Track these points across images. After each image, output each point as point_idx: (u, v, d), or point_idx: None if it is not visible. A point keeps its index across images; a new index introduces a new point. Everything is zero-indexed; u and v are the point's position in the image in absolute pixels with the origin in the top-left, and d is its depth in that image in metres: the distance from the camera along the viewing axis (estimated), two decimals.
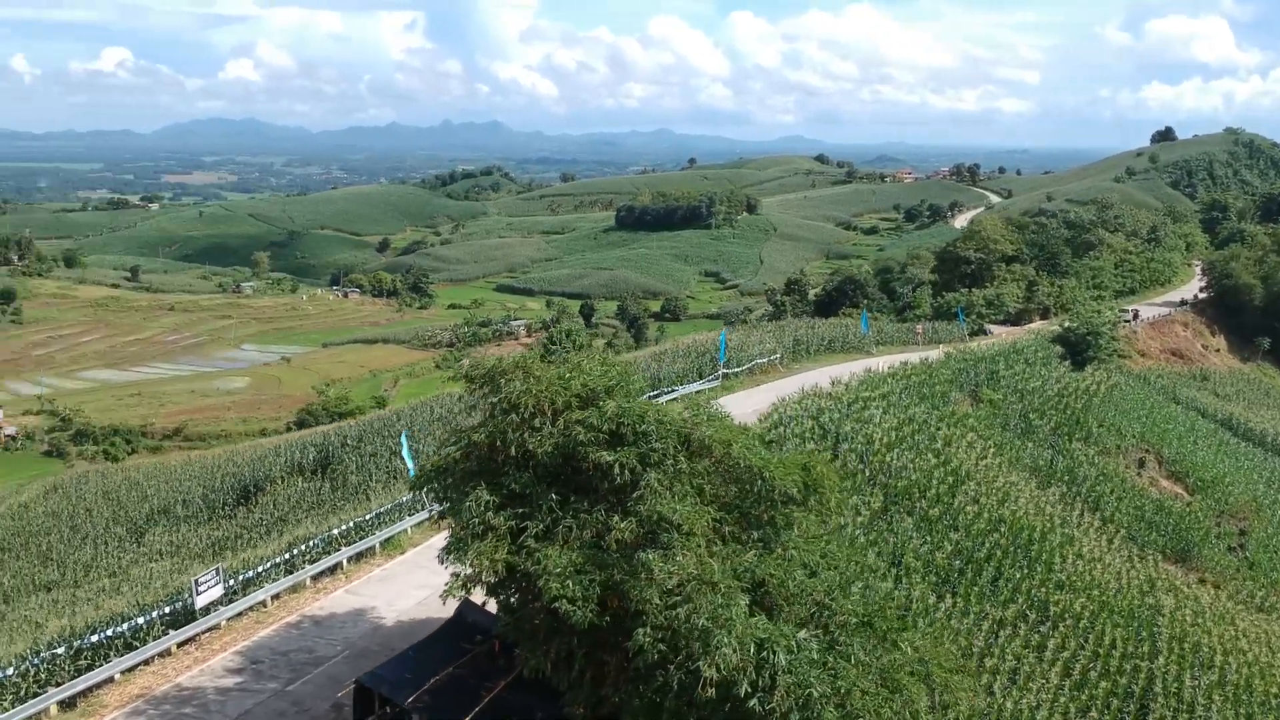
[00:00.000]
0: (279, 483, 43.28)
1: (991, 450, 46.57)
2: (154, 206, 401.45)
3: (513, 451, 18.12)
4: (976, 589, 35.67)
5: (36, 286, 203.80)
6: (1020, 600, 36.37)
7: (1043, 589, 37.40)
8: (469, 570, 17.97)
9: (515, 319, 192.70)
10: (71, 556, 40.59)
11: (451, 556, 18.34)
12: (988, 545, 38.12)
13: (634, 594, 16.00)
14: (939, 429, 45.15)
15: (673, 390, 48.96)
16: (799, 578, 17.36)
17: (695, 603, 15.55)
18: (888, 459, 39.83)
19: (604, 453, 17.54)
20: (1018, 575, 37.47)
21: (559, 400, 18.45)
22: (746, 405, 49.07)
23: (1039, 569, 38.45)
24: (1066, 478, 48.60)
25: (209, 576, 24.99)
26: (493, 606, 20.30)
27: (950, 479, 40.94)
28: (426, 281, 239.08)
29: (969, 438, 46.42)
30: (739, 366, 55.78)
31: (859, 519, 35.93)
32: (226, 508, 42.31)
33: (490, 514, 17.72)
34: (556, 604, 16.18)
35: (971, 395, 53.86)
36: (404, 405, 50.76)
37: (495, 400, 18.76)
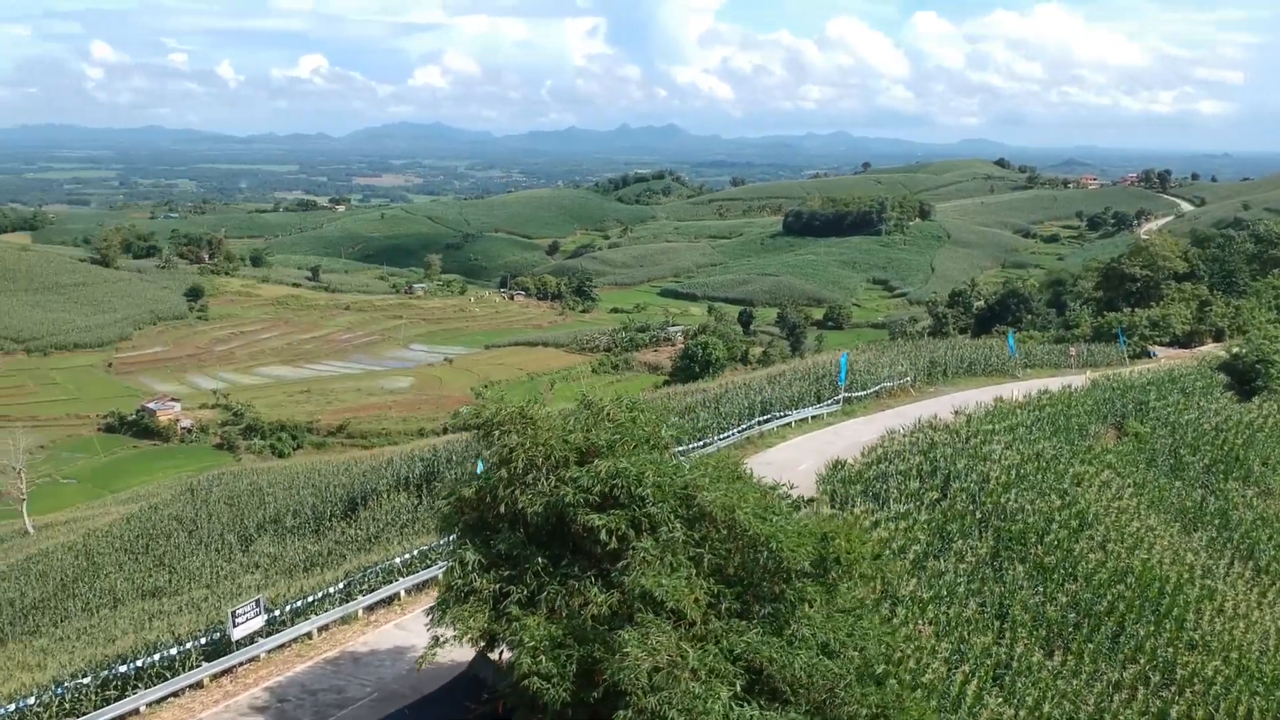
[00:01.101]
0: (384, 497, 43.51)
1: (1130, 490, 43.01)
2: (340, 208, 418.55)
3: (502, 509, 17.08)
4: (1092, 646, 32.64)
5: (223, 284, 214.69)
6: (1142, 661, 33.03)
7: (1170, 649, 33.89)
8: (451, 634, 17.01)
9: (673, 325, 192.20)
10: (183, 562, 41.71)
11: (432, 619, 17.41)
12: (1110, 597, 34.90)
13: (611, 675, 14.72)
14: (1069, 466, 41.93)
15: (785, 415, 47.12)
16: (806, 661, 15.68)
17: (669, 692, 14.13)
18: (1003, 500, 37.08)
19: (593, 515, 16.27)
20: (1142, 632, 34.09)
21: (555, 455, 17.28)
22: (864, 432, 46.85)
23: (1168, 626, 34.94)
24: (1217, 521, 44.44)
25: (248, 608, 24.82)
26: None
27: (1074, 522, 37.86)
28: (590, 285, 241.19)
29: (1104, 476, 42.98)
30: (864, 390, 53.33)
31: (961, 565, 33.50)
32: (332, 520, 42.75)
33: (475, 575, 16.73)
34: (527, 682, 15.04)
35: (1115, 428, 50.02)
36: None
37: (489, 452, 17.79)
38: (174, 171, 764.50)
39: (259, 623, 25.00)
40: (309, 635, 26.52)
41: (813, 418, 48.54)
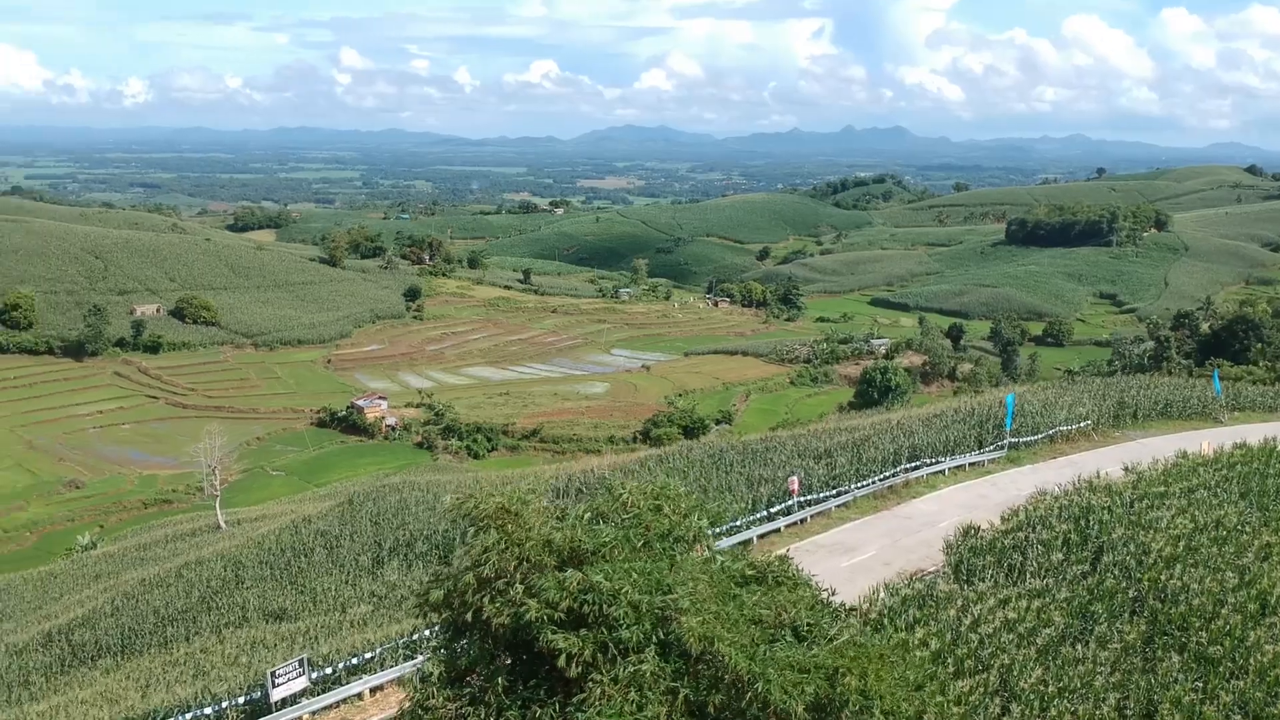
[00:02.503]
0: None
1: None
2: (559, 211, 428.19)
3: (469, 617, 15.51)
4: None
5: (440, 285, 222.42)
6: None
7: None
8: None
9: (877, 337, 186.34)
10: (313, 583, 42.16)
11: None
12: None
13: None
14: (1256, 537, 36.82)
15: (937, 463, 43.62)
16: None
17: None
18: (1164, 576, 32.74)
19: (557, 637, 14.44)
20: None
21: (531, 559, 15.55)
22: (1025, 485, 42.87)
23: None
24: None
25: (289, 668, 24.17)
26: None
27: (1252, 605, 32.98)
28: (797, 292, 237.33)
29: None
30: (1036, 434, 48.96)
31: (1103, 654, 29.67)
32: (459, 547, 42.32)
33: (434, 691, 15.22)
34: None
35: None
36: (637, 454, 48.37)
37: (461, 550, 16.23)
38: (412, 173, 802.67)
39: (301, 683, 24.37)
40: (359, 696, 25.77)
41: (970, 465, 44.82)
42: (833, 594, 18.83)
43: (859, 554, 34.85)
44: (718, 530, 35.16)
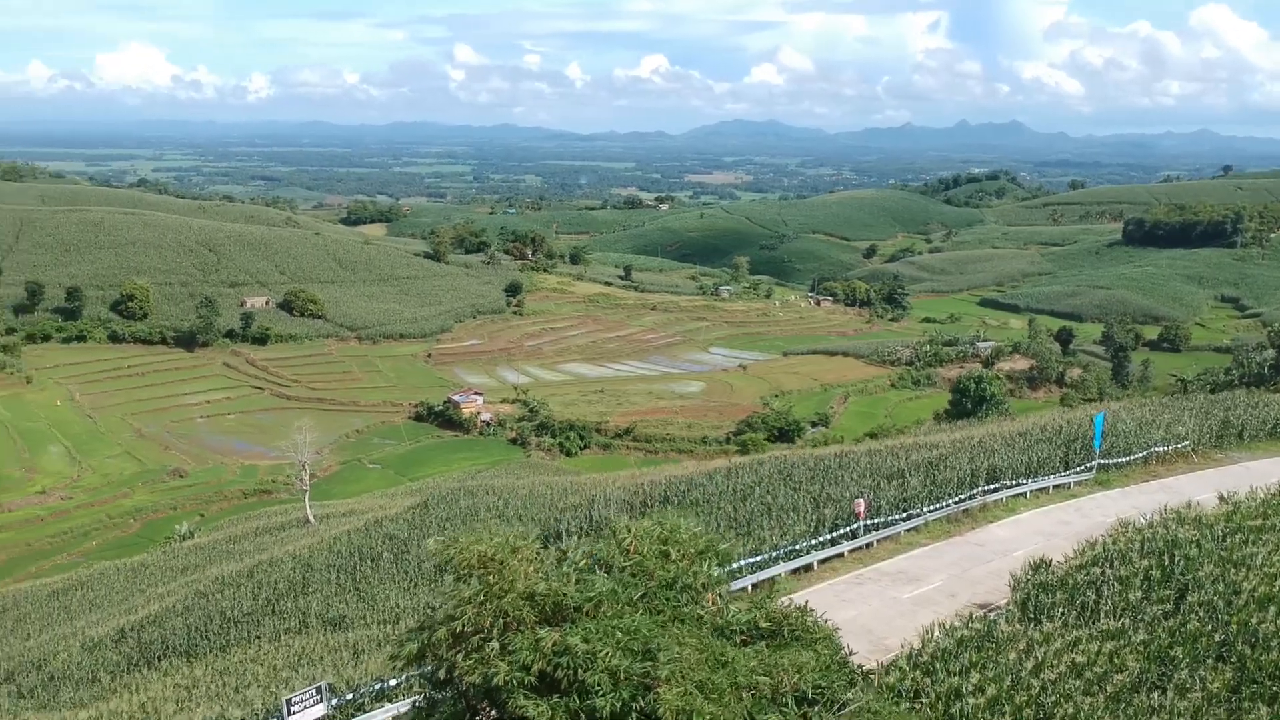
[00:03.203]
0: (572, 538, 42.03)
1: None
2: (663, 207, 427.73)
3: (442, 675, 14.66)
4: None
5: (541, 281, 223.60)
6: None
7: None
8: None
9: (983, 339, 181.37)
10: (373, 590, 42.05)
11: None
12: None
13: None
14: None
15: (1017, 485, 41.50)
16: None
17: None
18: (1255, 619, 30.41)
19: (528, 703, 13.48)
20: None
21: (511, 614, 14.60)
22: (1113, 510, 40.52)
23: None
24: None
25: (306, 696, 23.68)
26: None
27: None
28: (902, 292, 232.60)
29: None
30: (1129, 455, 46.32)
31: (1182, 703, 27.60)
32: None
33: None
34: None
35: None
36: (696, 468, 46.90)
37: (439, 600, 15.38)
38: (522, 167, 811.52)
39: (319, 711, 23.87)
40: None
41: (1054, 488, 42.54)
42: (851, 653, 17.56)
43: (923, 584, 33.18)
44: (775, 554, 33.85)
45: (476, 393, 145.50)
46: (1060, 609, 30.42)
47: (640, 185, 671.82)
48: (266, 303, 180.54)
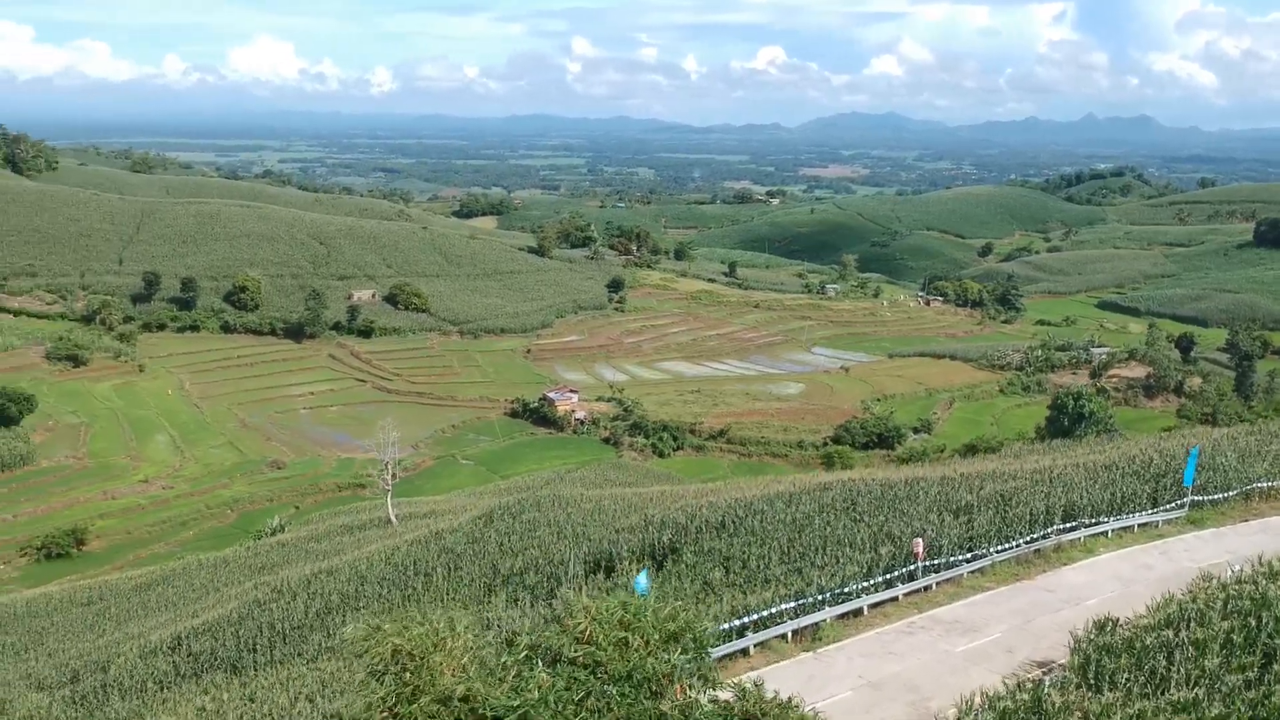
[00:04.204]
0: (624, 561, 40.50)
1: None
2: (774, 202, 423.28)
3: None
4: None
5: (644, 277, 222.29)
6: None
7: None
8: None
9: (1097, 344, 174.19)
10: (419, 609, 41.11)
11: None
12: None
13: None
14: None
15: (1098, 523, 38.48)
16: None
17: None
18: None
19: None
20: None
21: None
22: (1204, 553, 37.33)
23: None
24: None
25: None
26: None
27: None
28: (1016, 293, 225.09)
29: None
30: (1226, 491, 42.73)
31: None
32: (567, 585, 40.36)
33: None
34: None
35: None
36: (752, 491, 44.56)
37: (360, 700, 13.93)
38: (635, 160, 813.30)
39: None
40: None
41: (1140, 527, 39.38)
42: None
43: (980, 635, 30.70)
44: (822, 597, 31.73)
45: (572, 390, 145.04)
46: (1125, 675, 27.65)
47: (753, 178, 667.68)
48: (373, 296, 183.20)
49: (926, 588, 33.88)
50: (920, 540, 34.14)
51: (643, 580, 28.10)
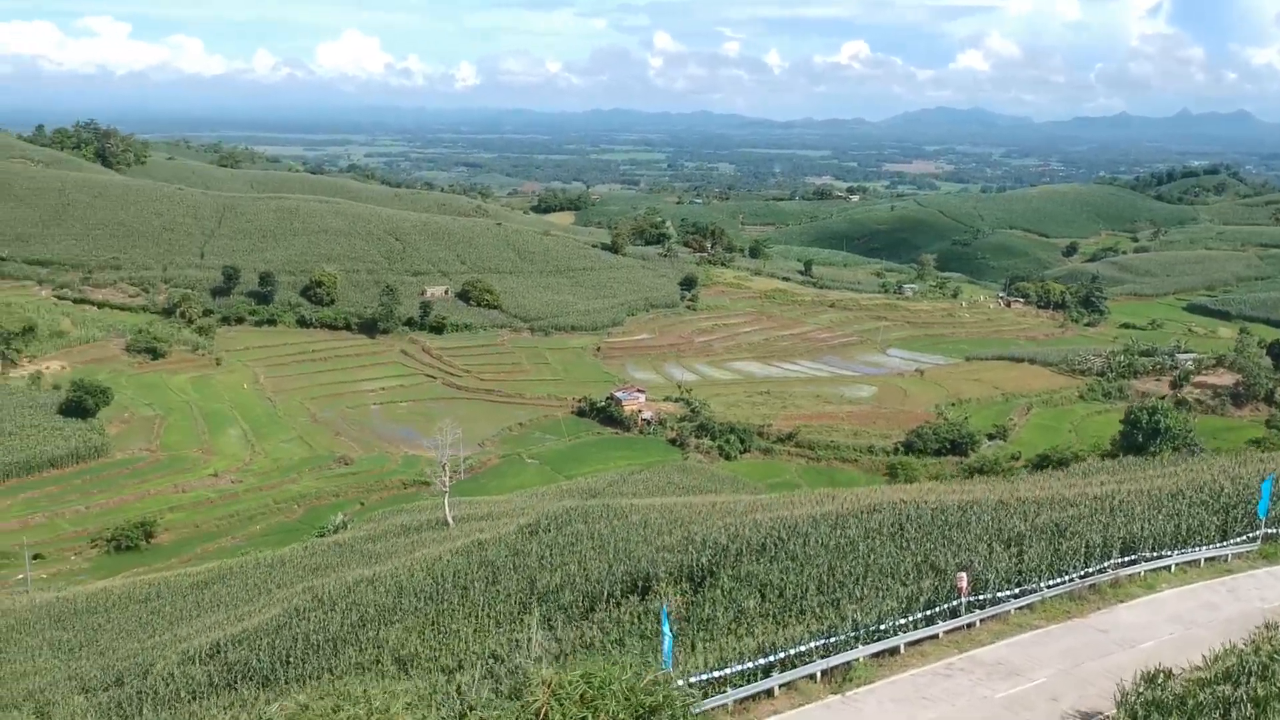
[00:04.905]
0: (661, 583, 39.20)
1: None
2: (854, 198, 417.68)
3: None
4: None
5: (717, 275, 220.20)
6: None
7: None
8: None
9: (1183, 350, 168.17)
10: (453, 625, 40.30)
11: None
12: None
13: None
14: None
15: (1159, 557, 36.17)
16: None
17: None
18: None
19: None
20: None
21: None
22: (1271, 592, 34.94)
23: None
24: None
25: None
26: None
27: None
28: (1100, 295, 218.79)
29: None
30: None
31: None
32: (602, 605, 39.21)
33: None
34: None
35: None
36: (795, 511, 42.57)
37: None
38: (716, 155, 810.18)
39: None
40: None
41: (1206, 561, 36.99)
42: None
43: (1022, 680, 28.81)
44: (856, 634, 30.05)
45: (639, 390, 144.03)
46: None
47: (835, 174, 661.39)
48: (445, 292, 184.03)
49: (970, 625, 32.02)
50: (964, 575, 32.31)
51: (668, 645, 26.84)
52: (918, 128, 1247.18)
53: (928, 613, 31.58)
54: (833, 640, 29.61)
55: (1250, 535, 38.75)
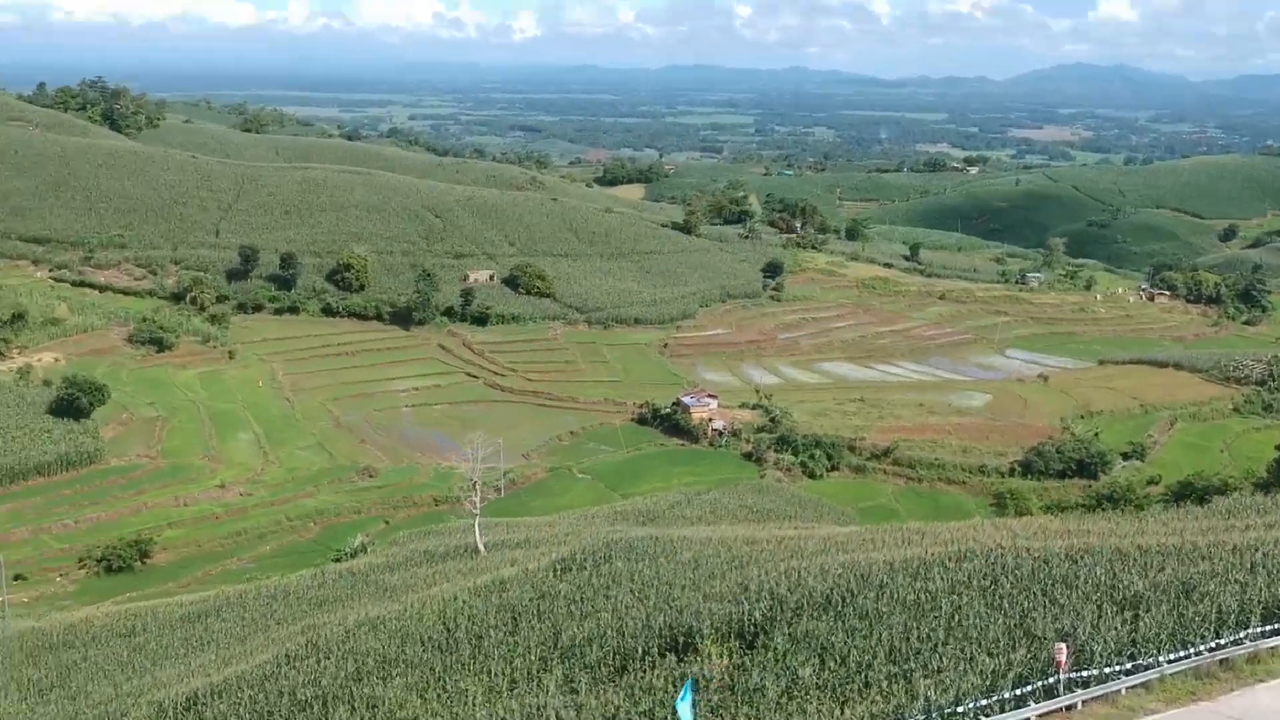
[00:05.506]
0: (705, 641, 37.99)
1: None
2: (972, 170, 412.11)
3: None
4: None
5: (807, 260, 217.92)
6: None
7: None
8: None
9: None
10: (455, 683, 39.38)
11: None
12: None
13: None
14: None
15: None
16: None
17: None
18: None
19: None
20: None
21: None
22: None
23: None
24: None
25: None
26: None
27: None
28: (1262, 288, 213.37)
29: None
30: None
31: None
32: (635, 664, 38.11)
33: None
34: None
35: None
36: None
37: None
38: (812, 118, 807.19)
39: None
40: None
41: None
42: None
43: None
44: (933, 714, 28.70)
45: (710, 395, 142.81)
46: None
47: (952, 141, 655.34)
48: (491, 278, 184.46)
49: (1069, 707, 30.43)
50: (1064, 646, 30.73)
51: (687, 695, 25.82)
52: (1050, 87, 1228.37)
53: (1019, 692, 30.09)
54: None
55: None
